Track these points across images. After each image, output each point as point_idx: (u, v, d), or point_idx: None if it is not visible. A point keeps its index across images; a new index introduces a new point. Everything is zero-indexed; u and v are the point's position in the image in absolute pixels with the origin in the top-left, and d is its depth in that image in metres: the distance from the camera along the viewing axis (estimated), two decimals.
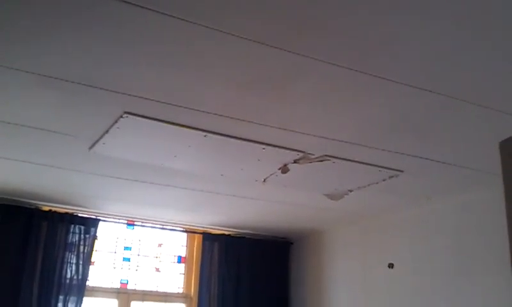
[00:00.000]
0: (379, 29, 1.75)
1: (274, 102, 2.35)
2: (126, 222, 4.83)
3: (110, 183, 3.71)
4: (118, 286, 4.76)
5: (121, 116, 2.51)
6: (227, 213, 4.60)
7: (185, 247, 5.15)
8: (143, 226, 4.88)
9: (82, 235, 4.48)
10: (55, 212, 4.37)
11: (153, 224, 4.89)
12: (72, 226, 4.45)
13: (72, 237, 4.44)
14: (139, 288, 4.84)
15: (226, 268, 5.01)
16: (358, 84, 2.14)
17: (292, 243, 5.43)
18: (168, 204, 4.31)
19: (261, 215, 4.60)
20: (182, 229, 5.04)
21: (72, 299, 4.35)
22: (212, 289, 4.93)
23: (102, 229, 4.70)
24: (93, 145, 2.92)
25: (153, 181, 3.63)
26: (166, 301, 4.93)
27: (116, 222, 4.79)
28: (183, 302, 5.02)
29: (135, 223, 4.85)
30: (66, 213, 4.42)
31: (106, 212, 4.61)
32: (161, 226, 4.95)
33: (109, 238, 4.80)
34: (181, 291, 5.04)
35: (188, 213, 4.61)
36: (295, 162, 3.09)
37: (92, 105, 2.42)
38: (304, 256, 5.26)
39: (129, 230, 4.89)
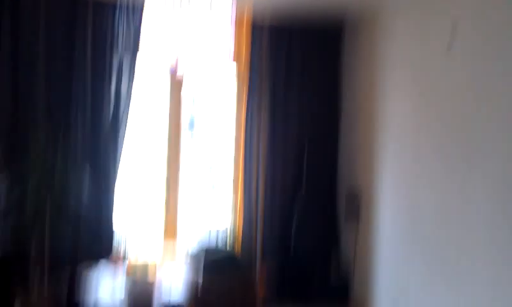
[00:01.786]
0: None
1: None
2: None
3: None
4: (169, 61, 4.68)
5: None
6: None
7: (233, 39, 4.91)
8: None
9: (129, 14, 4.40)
10: None
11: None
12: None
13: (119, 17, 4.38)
14: (188, 63, 4.72)
15: (275, 61, 4.92)
16: None
17: (344, 29, 5.11)
18: None
19: None
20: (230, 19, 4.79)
21: (124, 82, 4.41)
22: (262, 69, 4.92)
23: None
24: None
25: None
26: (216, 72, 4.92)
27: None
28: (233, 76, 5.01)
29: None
30: None
31: None
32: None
33: (156, 17, 4.58)
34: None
35: None
36: None
37: None
38: (357, 44, 4.98)
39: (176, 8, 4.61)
